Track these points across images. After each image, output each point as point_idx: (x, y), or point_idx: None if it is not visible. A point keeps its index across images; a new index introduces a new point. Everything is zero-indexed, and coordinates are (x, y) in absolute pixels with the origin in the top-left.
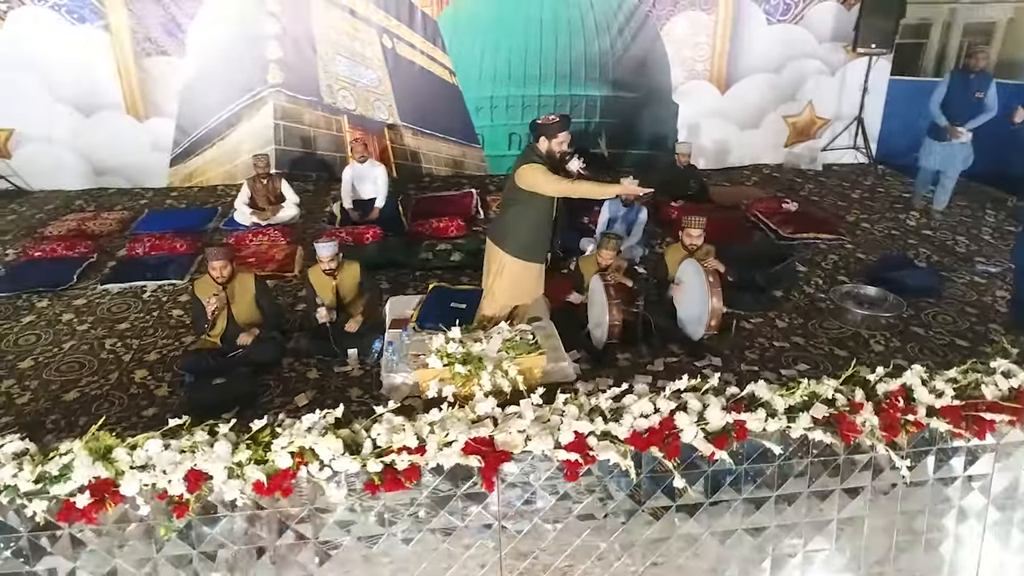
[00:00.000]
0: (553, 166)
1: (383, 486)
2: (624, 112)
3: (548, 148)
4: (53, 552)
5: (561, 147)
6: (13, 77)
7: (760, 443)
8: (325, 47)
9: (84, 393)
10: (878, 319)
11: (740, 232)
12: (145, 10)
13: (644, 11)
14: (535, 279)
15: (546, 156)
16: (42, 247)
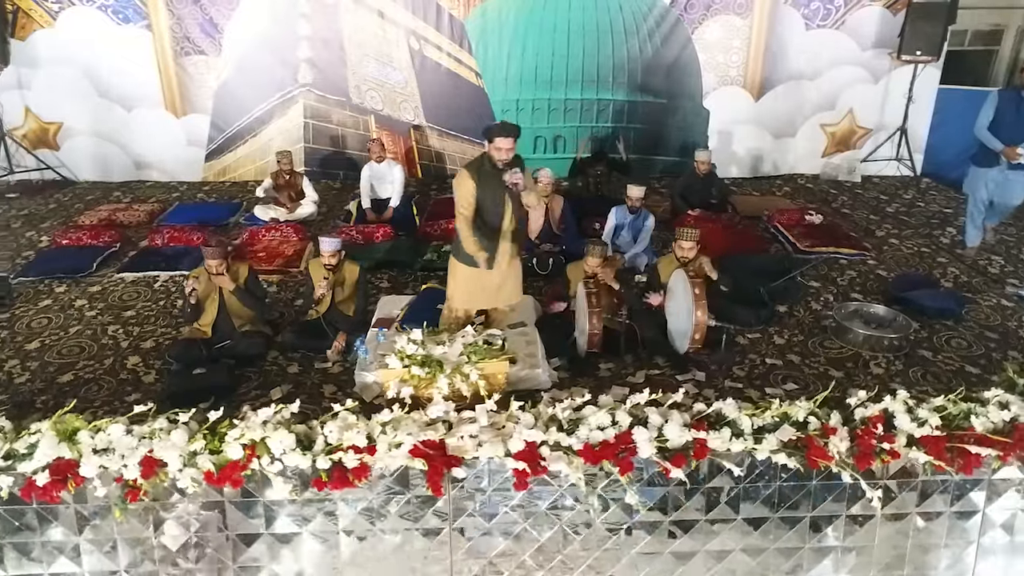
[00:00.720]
0: (497, 170)
1: (330, 483)
2: (652, 118)
3: (488, 152)
4: (20, 526)
5: (499, 153)
6: (63, 73)
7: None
8: (354, 48)
9: (78, 376)
10: (881, 340)
11: (756, 243)
12: (184, 11)
13: (675, 15)
14: (491, 284)
15: (487, 161)
16: (69, 235)
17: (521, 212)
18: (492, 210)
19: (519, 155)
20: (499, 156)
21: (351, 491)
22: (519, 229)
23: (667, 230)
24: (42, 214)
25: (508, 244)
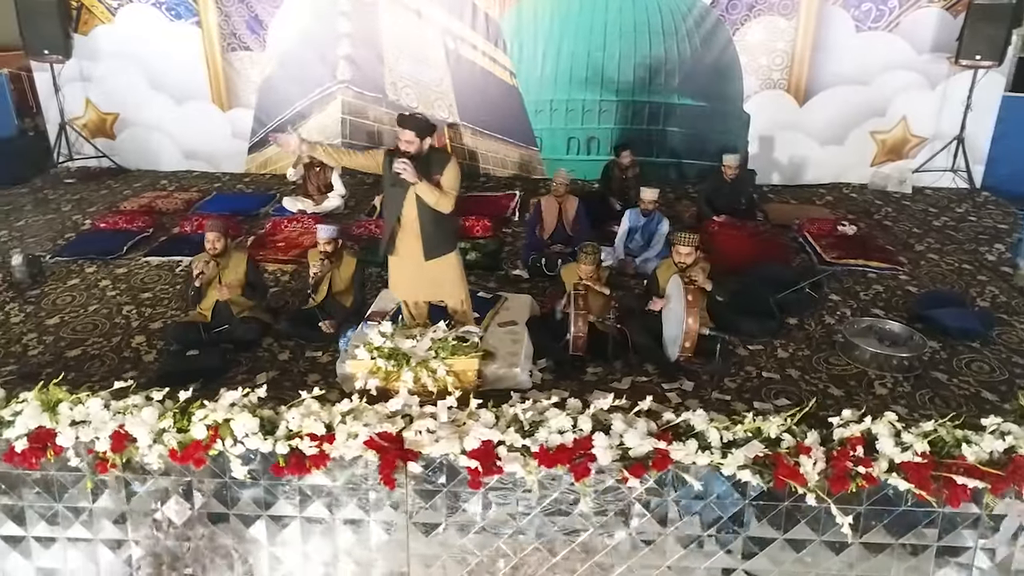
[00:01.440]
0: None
1: (287, 469)
2: (690, 121)
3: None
4: (6, 490)
5: (401, 144)
6: (120, 67)
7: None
8: (391, 46)
9: (85, 351)
10: (890, 359)
11: (779, 253)
12: (232, 8)
13: (716, 15)
14: (416, 276)
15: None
16: (107, 219)
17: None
18: (391, 198)
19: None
20: (402, 146)
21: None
22: (428, 225)
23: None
24: (92, 199)
25: (413, 236)
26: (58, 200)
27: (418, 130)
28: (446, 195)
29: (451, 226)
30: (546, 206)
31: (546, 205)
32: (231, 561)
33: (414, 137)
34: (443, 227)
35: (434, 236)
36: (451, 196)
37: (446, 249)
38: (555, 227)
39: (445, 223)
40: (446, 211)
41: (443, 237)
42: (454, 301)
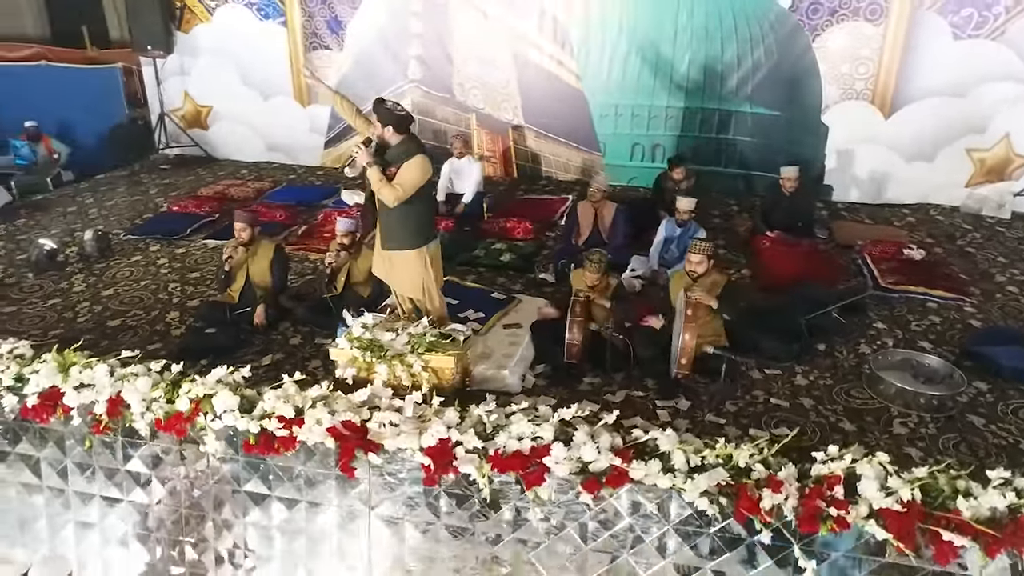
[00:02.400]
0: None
1: (257, 447)
2: (763, 131)
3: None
4: (24, 439)
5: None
6: (216, 63)
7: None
8: (460, 47)
9: (123, 323)
10: (918, 396)
11: (831, 273)
12: (315, 8)
13: (794, 20)
14: (384, 260)
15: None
16: (180, 203)
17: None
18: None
19: (413, 146)
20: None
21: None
22: (384, 215)
23: (742, 252)
24: (177, 184)
25: (380, 223)
26: (149, 184)
27: (380, 117)
28: (391, 187)
29: (410, 224)
30: (582, 212)
31: (582, 211)
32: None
33: (377, 121)
34: (400, 222)
35: (390, 227)
36: (395, 190)
37: (403, 244)
38: (590, 233)
39: (402, 219)
40: (387, 202)
41: (400, 232)
42: (410, 295)
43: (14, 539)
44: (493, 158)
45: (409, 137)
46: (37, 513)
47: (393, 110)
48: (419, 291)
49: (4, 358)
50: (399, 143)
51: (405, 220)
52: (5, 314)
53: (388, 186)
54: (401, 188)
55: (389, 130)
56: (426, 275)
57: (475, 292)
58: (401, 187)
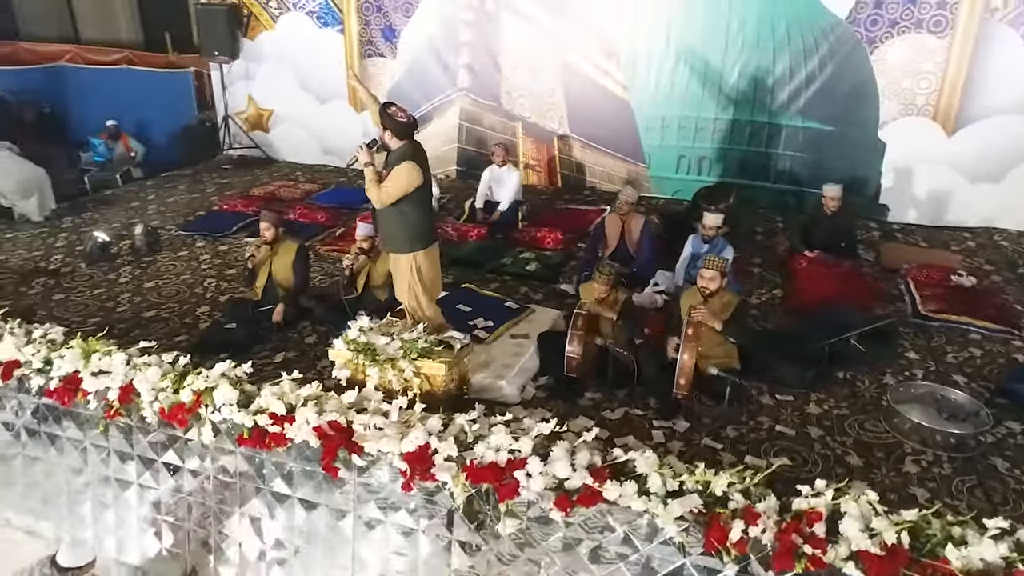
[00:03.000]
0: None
1: (249, 441)
2: (815, 146)
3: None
4: (50, 419)
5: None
6: (278, 68)
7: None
8: (508, 56)
9: (157, 314)
10: (934, 433)
11: (867, 298)
12: (371, 16)
13: (851, 31)
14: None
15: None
16: (230, 202)
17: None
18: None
19: (408, 152)
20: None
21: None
22: (380, 216)
23: (779, 271)
24: (234, 184)
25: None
26: (208, 183)
27: (381, 121)
28: (379, 189)
29: (400, 228)
30: (610, 224)
31: (610, 223)
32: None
33: (382, 131)
34: (394, 224)
35: (383, 229)
36: (382, 191)
37: (396, 248)
38: (617, 246)
39: (395, 222)
40: (373, 203)
41: (393, 234)
42: (400, 299)
43: (39, 513)
44: (538, 167)
45: (410, 143)
46: (59, 490)
47: (394, 116)
48: (409, 296)
49: (37, 342)
50: (398, 148)
51: (395, 224)
52: (55, 300)
53: (376, 187)
54: (386, 191)
55: (388, 135)
56: (413, 281)
57: (489, 300)
58: (386, 190)
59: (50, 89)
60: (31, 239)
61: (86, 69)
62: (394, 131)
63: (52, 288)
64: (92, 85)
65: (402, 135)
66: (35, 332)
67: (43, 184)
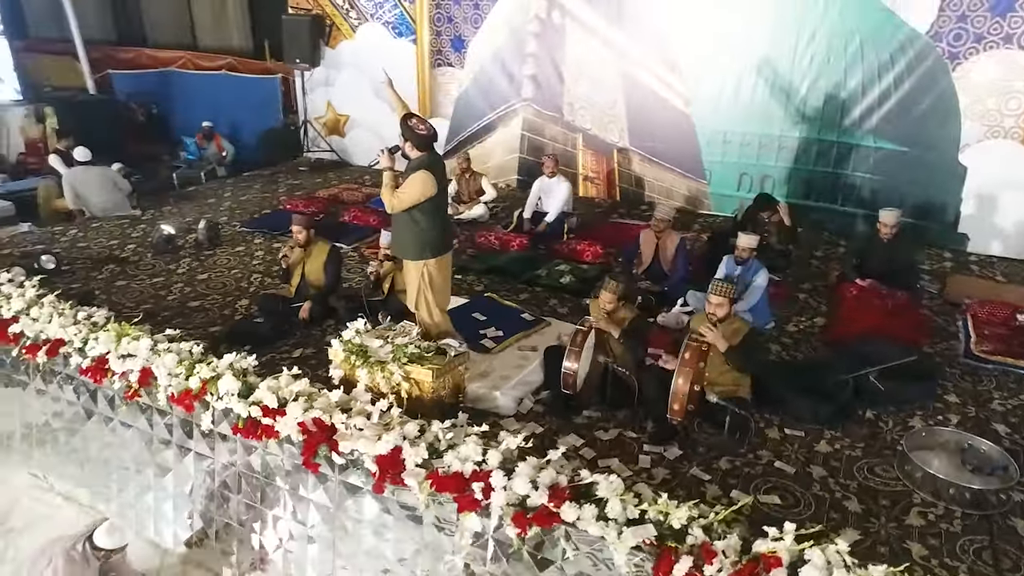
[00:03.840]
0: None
1: (242, 432)
2: (887, 168)
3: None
4: (87, 393)
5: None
6: (355, 76)
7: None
8: (571, 67)
9: (201, 304)
10: (948, 486)
11: (913, 331)
12: (442, 27)
13: (931, 46)
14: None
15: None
16: (292, 202)
17: (404, 216)
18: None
19: (425, 162)
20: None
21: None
22: (395, 222)
23: (827, 299)
24: (304, 185)
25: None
26: (281, 183)
27: (402, 131)
28: (394, 195)
29: (411, 235)
30: (645, 240)
31: (645, 239)
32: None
33: (401, 135)
34: (406, 231)
35: (397, 235)
36: (396, 197)
37: (406, 254)
38: (651, 263)
39: (407, 229)
40: (387, 207)
41: (405, 241)
42: (410, 306)
43: (79, 480)
44: (597, 179)
45: (428, 154)
46: (106, 469)
47: (415, 128)
48: (419, 303)
49: (80, 323)
50: (417, 158)
51: (407, 231)
52: (116, 287)
53: (390, 192)
54: (398, 198)
55: (408, 145)
56: (424, 288)
57: (507, 311)
58: (399, 196)
59: (159, 92)
60: (113, 229)
61: (192, 74)
62: (414, 142)
63: (118, 275)
64: (196, 88)
65: (421, 146)
66: (80, 314)
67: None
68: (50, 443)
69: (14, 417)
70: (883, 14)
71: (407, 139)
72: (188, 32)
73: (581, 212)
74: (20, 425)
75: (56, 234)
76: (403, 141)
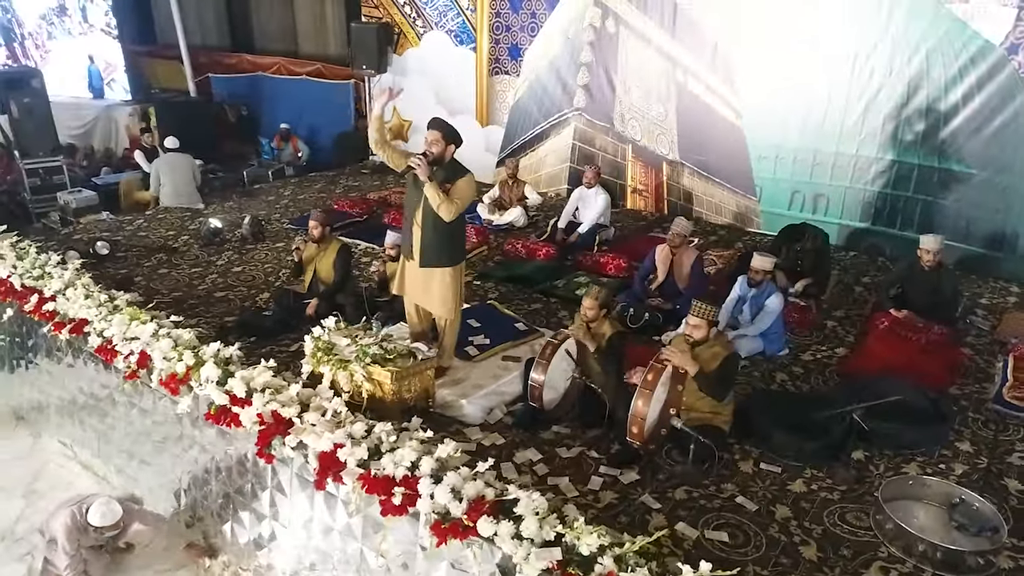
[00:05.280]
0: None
1: (212, 417)
2: (952, 191)
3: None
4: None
5: (425, 144)
6: (419, 82)
7: None
8: (624, 76)
9: (225, 295)
10: (919, 543)
11: (941, 371)
12: (500, 35)
13: (1006, 59)
14: (415, 279)
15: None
16: (340, 202)
17: (433, 219)
18: (409, 198)
19: (461, 165)
20: (424, 146)
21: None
22: (429, 232)
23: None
24: (360, 187)
25: (419, 241)
26: (339, 184)
27: (444, 132)
28: (450, 202)
29: (455, 241)
30: (660, 256)
31: (660, 255)
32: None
33: (440, 138)
34: (444, 238)
35: (433, 245)
36: (455, 205)
37: (444, 262)
38: (665, 279)
39: (447, 235)
40: (445, 218)
41: (442, 249)
42: (435, 313)
43: (95, 451)
44: (645, 192)
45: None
46: (108, 430)
47: (454, 128)
48: (452, 310)
49: (104, 304)
50: (453, 162)
51: (447, 237)
52: (159, 273)
53: (449, 201)
54: (456, 205)
55: (452, 148)
56: (460, 291)
57: (503, 320)
58: (457, 204)
59: (251, 95)
60: (174, 220)
61: (279, 78)
62: (455, 141)
63: (164, 263)
64: (282, 92)
65: (458, 144)
66: (102, 296)
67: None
68: (76, 415)
69: (51, 388)
70: (953, 24)
71: (451, 142)
72: (291, 39)
73: (623, 224)
74: (56, 397)
75: (124, 223)
76: (444, 145)
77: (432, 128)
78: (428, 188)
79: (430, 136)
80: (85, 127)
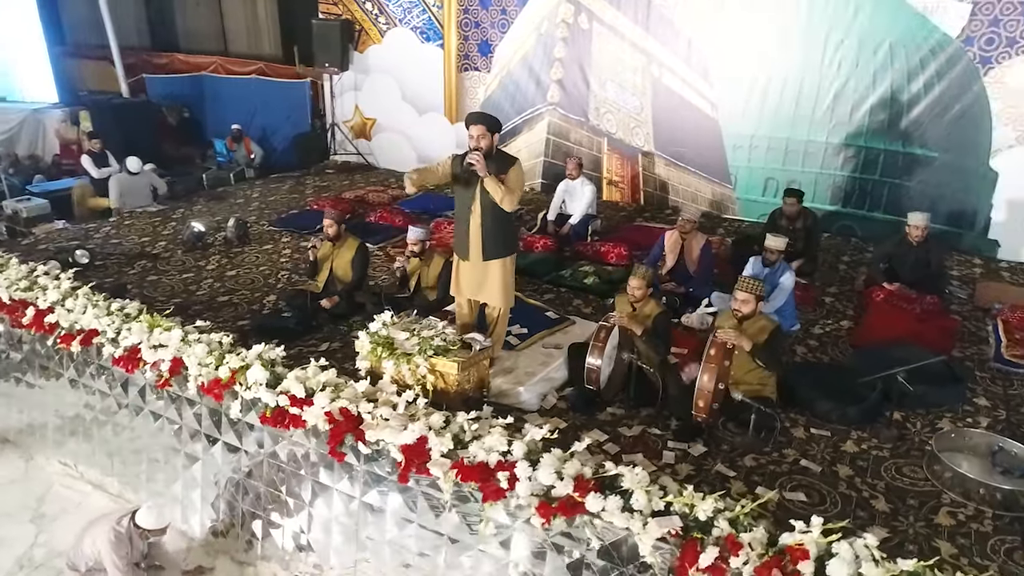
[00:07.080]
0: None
1: (269, 420)
2: (915, 173)
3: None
4: (119, 384)
5: (471, 141)
6: (382, 79)
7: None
8: (599, 71)
9: (230, 299)
10: (980, 486)
11: (941, 336)
12: (469, 32)
13: (962, 51)
14: (468, 274)
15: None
16: (319, 202)
17: (493, 212)
18: (461, 198)
19: (506, 153)
20: (470, 143)
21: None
22: (490, 225)
23: (854, 303)
24: (331, 187)
25: (476, 236)
26: (308, 185)
27: (488, 125)
28: (511, 192)
29: (511, 229)
30: (669, 241)
31: (669, 240)
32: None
33: (485, 131)
34: (503, 229)
35: (494, 237)
36: (515, 194)
37: (502, 252)
38: (675, 264)
39: (506, 224)
40: (508, 208)
41: (502, 239)
42: (494, 304)
43: (107, 470)
44: (621, 183)
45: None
46: (124, 446)
47: (495, 117)
48: (509, 299)
49: (114, 314)
50: (498, 152)
51: (507, 226)
52: (148, 281)
53: (509, 191)
54: (515, 194)
55: (495, 138)
56: (513, 279)
57: (531, 309)
58: (518, 190)
59: (192, 96)
60: (144, 226)
61: (223, 78)
62: (498, 129)
63: (149, 270)
64: (228, 93)
65: (500, 130)
66: (113, 305)
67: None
68: (81, 433)
69: (48, 407)
70: (914, 18)
71: (493, 130)
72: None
73: (605, 216)
74: (53, 415)
75: (90, 231)
76: (489, 137)
77: (475, 123)
78: (488, 183)
79: (475, 131)
80: (10, 132)
